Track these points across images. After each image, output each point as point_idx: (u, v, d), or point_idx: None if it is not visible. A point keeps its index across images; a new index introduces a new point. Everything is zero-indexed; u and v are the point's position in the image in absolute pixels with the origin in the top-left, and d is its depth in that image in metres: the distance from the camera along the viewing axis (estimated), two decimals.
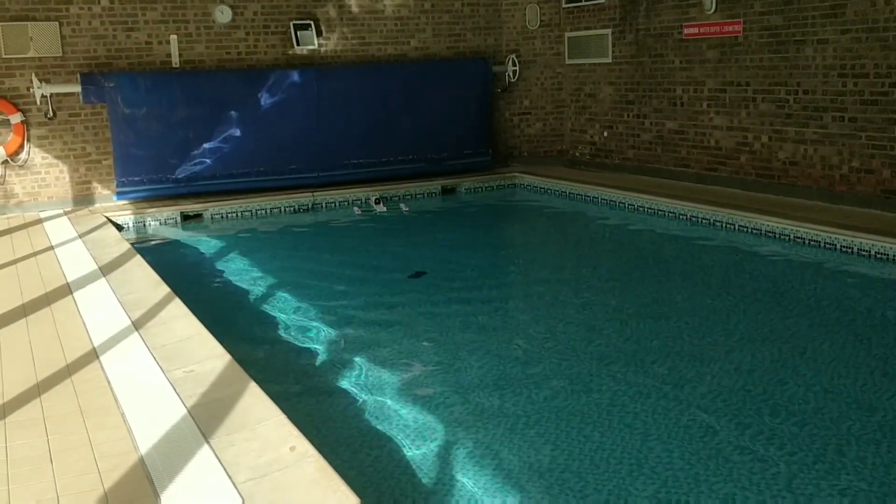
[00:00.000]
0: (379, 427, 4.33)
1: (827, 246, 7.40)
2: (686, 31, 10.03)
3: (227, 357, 4.58)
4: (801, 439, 4.00)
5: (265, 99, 10.82)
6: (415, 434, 4.22)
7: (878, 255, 6.97)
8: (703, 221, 8.70)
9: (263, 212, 10.31)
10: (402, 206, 10.48)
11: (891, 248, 6.90)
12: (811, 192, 8.68)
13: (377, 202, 10.49)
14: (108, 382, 4.33)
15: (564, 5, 12.09)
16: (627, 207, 9.78)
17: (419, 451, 4.05)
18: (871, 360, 5.05)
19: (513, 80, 12.41)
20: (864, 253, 7.08)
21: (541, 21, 12.27)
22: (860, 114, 8.12)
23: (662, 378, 4.83)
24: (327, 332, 5.85)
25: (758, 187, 9.28)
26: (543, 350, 5.41)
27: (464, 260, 7.87)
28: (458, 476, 3.81)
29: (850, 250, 7.20)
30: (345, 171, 11.19)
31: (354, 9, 11.56)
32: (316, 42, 11.28)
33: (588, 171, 11.71)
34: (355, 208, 10.36)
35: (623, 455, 3.92)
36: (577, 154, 12.32)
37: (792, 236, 7.74)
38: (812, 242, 7.53)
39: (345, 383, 4.93)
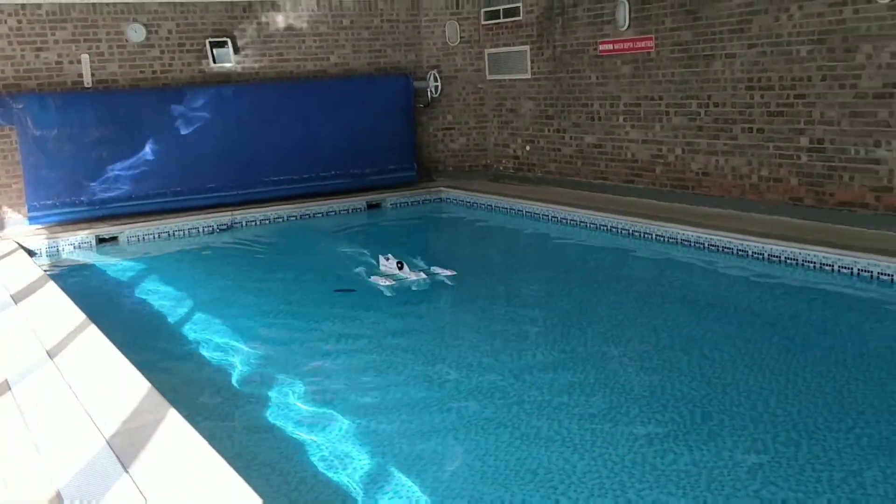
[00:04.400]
0: (307, 449, 4.27)
1: (739, 253, 7.64)
2: (601, 47, 10.26)
3: (146, 384, 4.46)
4: (721, 440, 4.11)
5: (181, 117, 10.65)
6: (342, 454, 4.18)
7: (788, 261, 7.24)
8: (623, 232, 8.90)
9: (181, 232, 10.10)
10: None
11: (799, 253, 7.17)
12: (723, 201, 8.96)
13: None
14: (21, 414, 4.17)
15: (483, 22, 12.24)
16: (551, 219, 9.94)
17: (346, 472, 4.01)
18: (787, 361, 5.22)
19: (435, 96, 12.49)
20: (774, 258, 7.34)
21: (461, 37, 12.39)
22: (767, 125, 8.43)
23: (590, 387, 4.90)
24: (249, 353, 5.76)
25: (673, 198, 9.53)
26: (470, 362, 5.43)
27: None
28: (388, 495, 3.79)
29: (761, 256, 7.45)
30: (265, 189, 11.07)
31: (272, 26, 11.48)
32: (233, 59, 11.15)
33: (512, 185, 11.85)
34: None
35: (552, 465, 3.96)
36: (501, 168, 12.46)
37: (706, 244, 7.97)
38: (725, 249, 7.77)
39: (269, 405, 4.85)
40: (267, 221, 10.60)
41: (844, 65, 7.62)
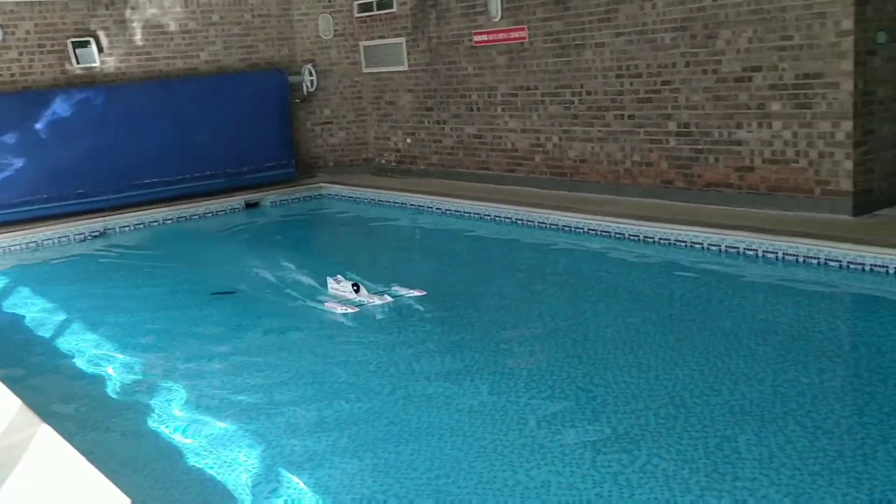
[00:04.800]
0: (187, 459, 4.15)
1: (617, 236, 7.89)
2: (475, 38, 10.36)
3: (17, 401, 4.23)
4: (605, 416, 4.23)
5: (45, 122, 10.15)
6: (222, 463, 4.08)
7: (662, 241, 7.51)
8: (506, 220, 9.04)
9: (51, 242, 9.63)
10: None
11: (671, 233, 7.45)
12: (600, 187, 9.21)
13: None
14: None
15: (357, 15, 12.15)
16: (435, 211, 9.99)
17: (229, 481, 3.92)
18: (664, 336, 5.42)
19: (311, 90, 12.33)
20: (649, 239, 7.61)
21: (334, 31, 12.27)
22: (637, 111, 8.72)
23: (475, 371, 4.94)
24: (126, 364, 5.54)
25: (552, 185, 9.74)
26: (352, 359, 5.39)
27: (270, 275, 7.69)
28: (269, 496, 3.73)
29: (637, 238, 7.71)
30: (137, 192, 10.68)
31: (137, 23, 11.06)
32: (97, 59, 10.69)
33: (395, 178, 11.83)
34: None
35: (440, 454, 3.98)
36: (383, 161, 12.43)
37: (586, 229, 8.19)
38: (603, 233, 8.00)
39: (148, 415, 4.68)
40: (142, 226, 10.24)
41: (706, 51, 7.96)
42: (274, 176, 11.77)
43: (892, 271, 6.03)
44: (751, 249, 6.89)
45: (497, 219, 9.14)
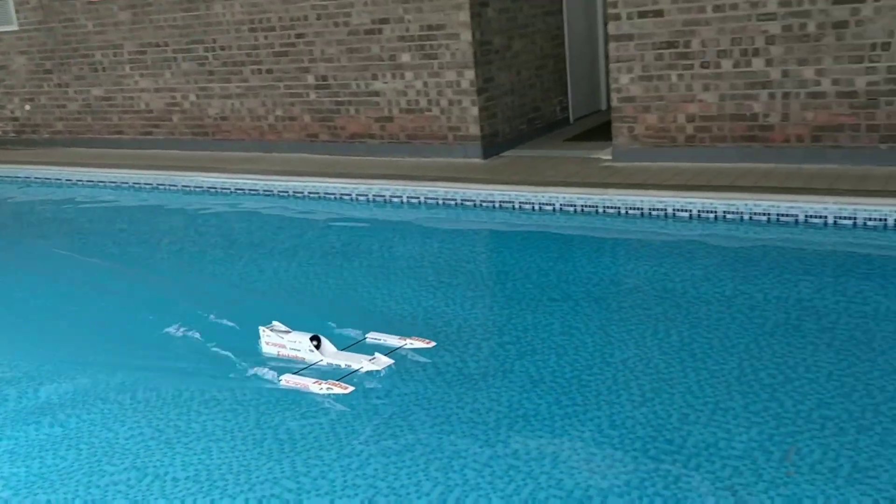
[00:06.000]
0: None
1: (266, 192, 7.80)
2: None
3: None
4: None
5: None
6: None
7: (311, 195, 7.56)
8: (146, 186, 8.53)
9: None
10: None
11: (321, 186, 7.54)
12: (245, 144, 9.02)
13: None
14: None
15: None
16: (65, 183, 9.13)
17: None
18: (324, 285, 5.47)
19: None
20: (299, 194, 7.62)
21: None
22: (275, 65, 8.61)
23: (175, 348, 4.62)
24: None
25: (194, 146, 9.35)
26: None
27: None
28: None
29: (286, 193, 7.68)
30: None
31: None
32: None
33: (15, 150, 10.60)
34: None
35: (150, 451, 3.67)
36: (0, 132, 11.08)
37: (233, 188, 7.98)
38: (252, 191, 7.86)
39: None
40: None
41: (335, 3, 8.04)
42: None
43: (517, 206, 6.63)
44: (396, 196, 7.18)
45: (137, 185, 8.59)
